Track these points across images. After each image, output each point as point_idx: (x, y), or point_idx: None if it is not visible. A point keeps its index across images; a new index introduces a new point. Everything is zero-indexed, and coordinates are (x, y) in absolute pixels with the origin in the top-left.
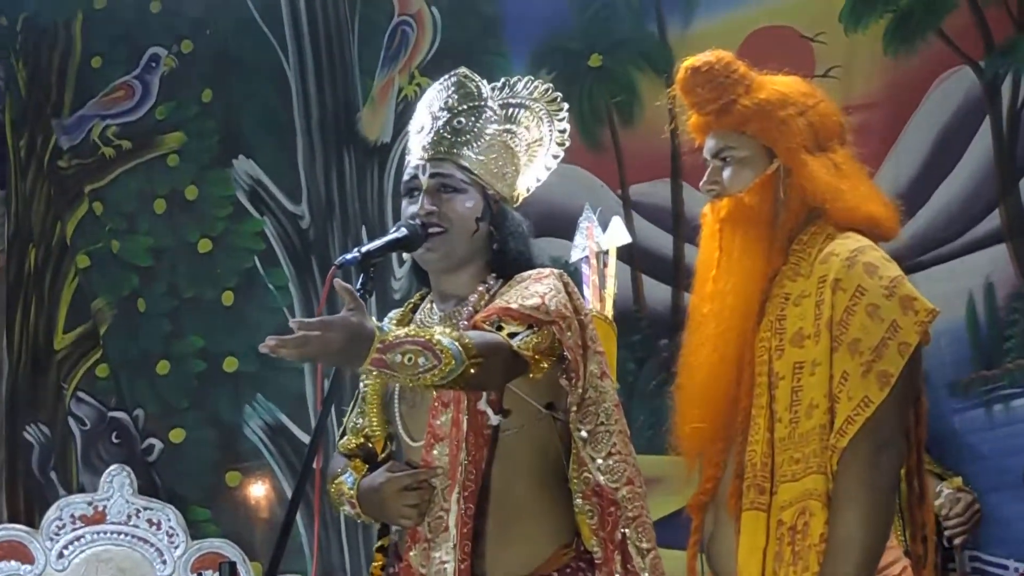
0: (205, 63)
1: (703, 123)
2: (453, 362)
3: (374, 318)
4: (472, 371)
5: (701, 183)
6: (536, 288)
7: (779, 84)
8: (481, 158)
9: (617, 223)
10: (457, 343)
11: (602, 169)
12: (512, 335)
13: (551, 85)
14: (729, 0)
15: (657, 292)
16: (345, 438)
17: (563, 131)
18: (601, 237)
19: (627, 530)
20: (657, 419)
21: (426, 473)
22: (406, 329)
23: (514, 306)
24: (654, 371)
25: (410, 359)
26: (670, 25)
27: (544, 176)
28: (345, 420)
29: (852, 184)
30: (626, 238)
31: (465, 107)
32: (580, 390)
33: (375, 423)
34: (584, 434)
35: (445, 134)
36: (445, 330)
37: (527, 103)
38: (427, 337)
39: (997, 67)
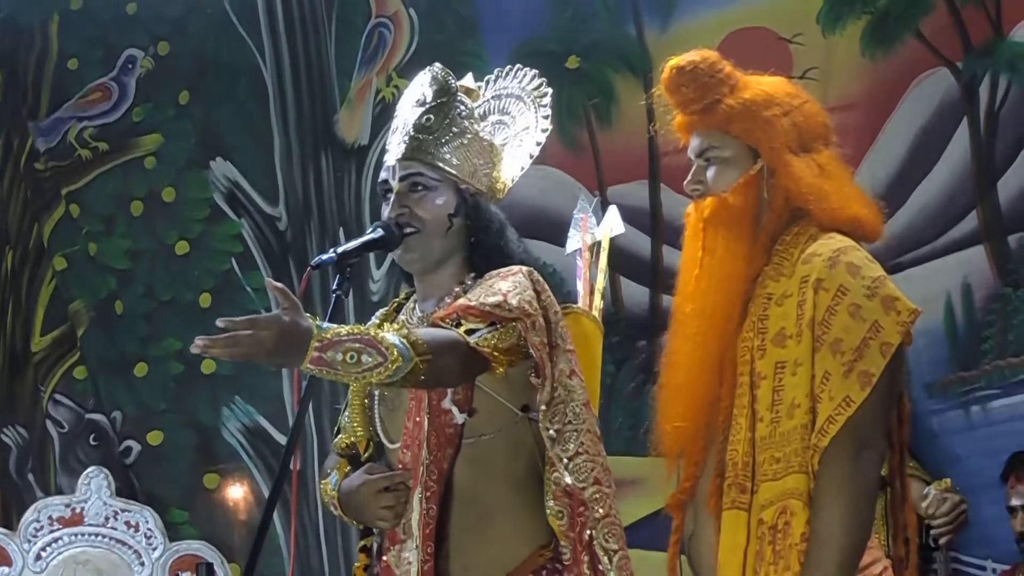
0: (182, 65)
1: (687, 122)
2: (400, 360)
3: (352, 320)
4: (422, 367)
5: (685, 182)
6: (500, 285)
7: (764, 84)
8: (451, 154)
9: (613, 212)
10: (404, 340)
11: (580, 171)
12: (470, 332)
13: (536, 72)
14: (707, 2)
15: (635, 294)
16: (339, 436)
17: (546, 116)
18: (595, 228)
19: (593, 531)
20: (635, 420)
21: (402, 475)
22: (348, 327)
23: (474, 303)
24: (632, 373)
25: (352, 357)
26: (648, 27)
27: (527, 165)
28: (339, 418)
29: (836, 185)
30: (620, 228)
31: (435, 103)
32: (549, 389)
33: (356, 424)
34: (552, 433)
35: (415, 133)
36: (394, 327)
37: (517, 93)
38: (372, 334)
39: (975, 68)
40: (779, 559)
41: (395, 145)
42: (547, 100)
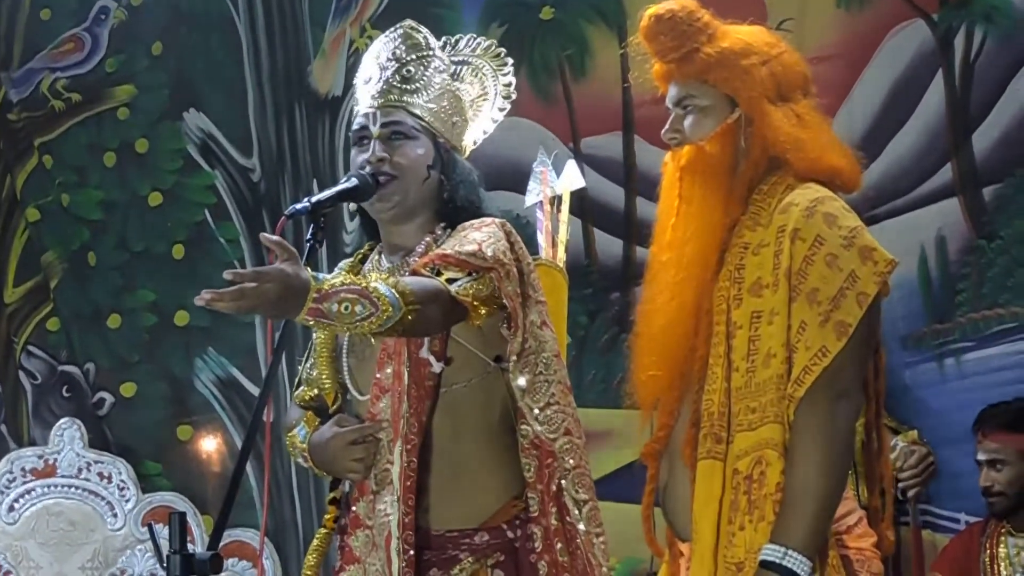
0: (155, 15)
1: (665, 71)
2: (390, 309)
3: (326, 270)
4: (410, 317)
5: (662, 131)
6: (474, 235)
7: (743, 33)
8: (431, 106)
9: (572, 167)
10: (394, 290)
11: (553, 122)
12: (451, 281)
13: (494, 41)
14: None
15: (609, 245)
16: (300, 389)
17: (508, 84)
18: (555, 182)
19: (563, 481)
20: (608, 372)
21: (372, 427)
22: (342, 277)
23: (451, 252)
24: (606, 324)
25: (347, 307)
26: None
27: (490, 129)
28: (300, 370)
29: (814, 135)
30: (580, 182)
31: (413, 57)
32: (520, 339)
33: (324, 376)
34: (522, 384)
35: (395, 83)
36: (382, 277)
37: (470, 59)
38: (363, 285)
39: (950, 20)
40: (754, 509)
41: (374, 93)
42: (508, 68)
